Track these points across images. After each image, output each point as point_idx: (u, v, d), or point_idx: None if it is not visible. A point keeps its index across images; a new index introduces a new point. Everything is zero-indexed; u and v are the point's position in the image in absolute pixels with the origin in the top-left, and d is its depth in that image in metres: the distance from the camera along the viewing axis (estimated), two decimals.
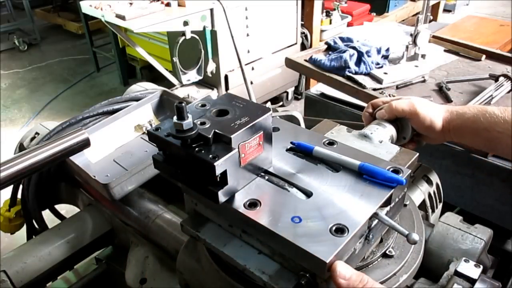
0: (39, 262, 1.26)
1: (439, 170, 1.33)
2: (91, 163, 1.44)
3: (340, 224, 0.70)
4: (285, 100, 4.54)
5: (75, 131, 1.11)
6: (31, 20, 6.39)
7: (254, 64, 3.88)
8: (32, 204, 1.48)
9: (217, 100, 0.84)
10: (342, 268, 0.66)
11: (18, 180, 1.30)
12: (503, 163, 1.63)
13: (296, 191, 0.79)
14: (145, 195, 1.35)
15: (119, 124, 1.54)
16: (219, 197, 0.73)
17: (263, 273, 0.74)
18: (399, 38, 2.44)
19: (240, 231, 0.78)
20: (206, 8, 3.23)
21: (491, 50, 2.22)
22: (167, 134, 0.74)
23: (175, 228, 1.21)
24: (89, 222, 1.38)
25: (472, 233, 0.99)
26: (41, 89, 5.35)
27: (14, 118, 4.79)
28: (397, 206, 0.84)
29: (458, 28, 3.29)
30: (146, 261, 1.28)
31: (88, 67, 5.78)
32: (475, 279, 0.83)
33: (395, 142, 1.07)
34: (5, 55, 6.23)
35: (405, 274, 0.82)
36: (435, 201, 1.28)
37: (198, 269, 0.92)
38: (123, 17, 2.96)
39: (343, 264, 0.67)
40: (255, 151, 0.78)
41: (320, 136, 0.95)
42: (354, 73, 1.99)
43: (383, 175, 0.78)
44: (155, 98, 1.64)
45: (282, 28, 4.03)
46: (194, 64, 3.36)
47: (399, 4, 5.21)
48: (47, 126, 1.60)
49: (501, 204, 1.69)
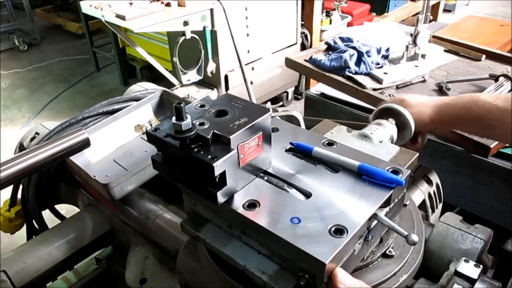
0: (39, 262, 1.26)
1: (439, 170, 1.32)
2: (91, 163, 1.44)
3: (339, 225, 0.70)
4: (285, 100, 4.54)
5: (75, 131, 1.11)
6: (31, 20, 6.39)
7: (254, 64, 3.88)
8: (32, 204, 1.48)
9: (216, 100, 0.83)
10: (342, 275, 0.66)
11: (18, 180, 1.30)
12: (503, 163, 1.63)
13: (295, 192, 0.79)
14: (145, 195, 1.35)
15: (119, 124, 1.54)
16: (218, 198, 0.73)
17: (263, 273, 0.74)
18: (399, 38, 2.44)
19: (239, 232, 0.78)
20: (206, 8, 3.23)
21: (491, 50, 2.21)
22: (166, 135, 0.74)
23: (175, 228, 1.21)
24: (89, 222, 1.38)
25: (472, 233, 0.99)
26: (41, 89, 5.35)
27: (14, 118, 4.79)
28: (397, 207, 0.84)
29: (458, 28, 3.29)
30: (146, 261, 1.28)
31: (88, 67, 5.78)
32: (475, 279, 0.83)
33: (395, 142, 1.07)
34: (5, 55, 6.23)
35: (405, 274, 0.82)
36: (435, 201, 1.28)
37: (198, 269, 0.92)
38: (123, 17, 2.96)
39: (343, 272, 0.67)
40: (254, 152, 0.78)
41: (319, 136, 0.95)
42: (354, 73, 1.98)
43: (382, 175, 0.78)
44: (155, 98, 1.64)
45: (282, 28, 4.03)
46: (194, 64, 3.36)
47: (399, 4, 5.21)
48: (47, 126, 1.60)
49: (501, 204, 1.69)
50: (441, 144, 1.73)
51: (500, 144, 1.50)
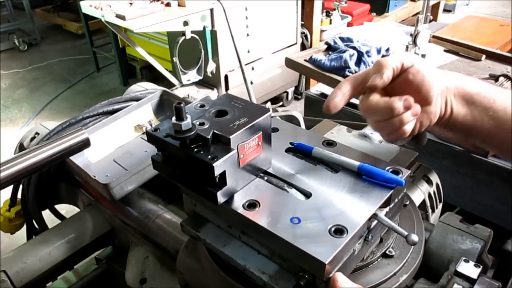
0: (39, 262, 1.26)
1: (439, 170, 1.32)
2: (91, 163, 1.44)
3: (339, 225, 0.70)
4: (285, 100, 4.54)
5: (75, 131, 1.11)
6: (31, 20, 6.39)
7: (254, 64, 3.88)
8: (32, 204, 1.48)
9: (216, 100, 0.84)
10: (342, 279, 0.66)
11: (18, 180, 1.30)
12: (503, 163, 1.63)
13: (295, 192, 0.79)
14: (145, 195, 1.35)
15: (119, 124, 1.54)
16: (218, 198, 0.73)
17: (263, 273, 0.74)
18: (399, 38, 2.44)
19: (239, 232, 0.78)
20: (206, 8, 3.23)
21: (491, 50, 2.21)
22: (166, 135, 0.74)
23: (175, 228, 1.21)
24: (89, 222, 1.38)
25: (472, 233, 0.99)
26: (41, 89, 5.35)
27: (14, 118, 4.79)
28: (397, 207, 0.84)
29: (458, 28, 3.29)
30: (146, 261, 1.28)
31: (88, 67, 5.78)
32: (475, 279, 0.83)
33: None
34: (5, 55, 6.23)
35: (405, 274, 0.82)
36: (435, 201, 1.28)
37: (198, 269, 0.92)
38: (123, 17, 2.96)
39: (343, 276, 0.67)
40: (254, 152, 0.78)
41: (319, 136, 0.95)
42: (354, 73, 1.98)
43: (382, 175, 0.78)
44: (155, 98, 1.64)
45: (282, 28, 4.03)
46: (194, 64, 3.36)
47: (399, 4, 5.21)
48: (47, 126, 1.60)
49: (501, 204, 1.69)
50: (441, 144, 1.73)
51: None
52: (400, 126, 0.77)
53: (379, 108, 0.77)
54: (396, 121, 0.77)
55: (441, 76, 0.82)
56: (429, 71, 0.80)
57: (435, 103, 0.80)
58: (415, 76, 0.79)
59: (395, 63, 0.78)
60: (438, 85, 0.80)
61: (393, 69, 0.78)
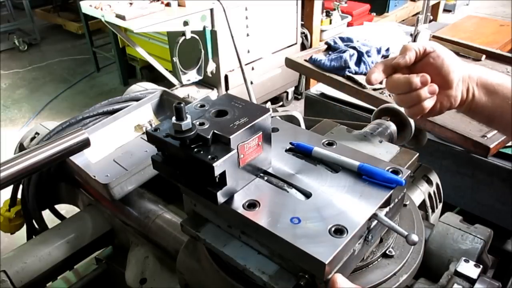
0: (39, 262, 1.26)
1: (439, 170, 1.33)
2: (91, 163, 1.44)
3: (339, 225, 0.70)
4: (285, 100, 4.54)
5: (75, 131, 1.11)
6: (31, 20, 6.39)
7: (254, 64, 3.88)
8: (32, 204, 1.48)
9: (216, 100, 0.84)
10: (341, 280, 0.66)
11: (18, 180, 1.30)
12: (503, 163, 1.63)
13: (295, 192, 0.79)
14: (145, 195, 1.35)
15: (119, 124, 1.54)
16: (218, 198, 0.73)
17: (263, 273, 0.74)
18: (399, 38, 2.44)
19: (239, 232, 0.78)
20: (206, 8, 3.23)
21: (491, 50, 2.21)
22: (166, 135, 0.74)
23: (175, 228, 1.21)
24: (89, 222, 1.38)
25: (472, 233, 0.99)
26: (41, 89, 5.35)
27: (14, 118, 4.79)
28: (397, 207, 0.84)
29: (458, 28, 3.29)
30: (146, 261, 1.28)
31: (88, 67, 5.78)
32: (475, 279, 0.83)
33: (395, 142, 1.07)
34: (5, 55, 6.22)
35: (405, 274, 0.82)
36: (435, 201, 1.28)
37: (198, 269, 0.92)
38: (123, 17, 2.95)
39: (342, 277, 0.67)
40: (254, 152, 0.78)
41: (319, 136, 0.95)
42: (354, 73, 1.98)
43: (382, 175, 0.78)
44: (155, 98, 1.65)
45: (282, 28, 4.02)
46: (194, 64, 3.36)
47: (399, 4, 5.20)
48: (47, 126, 1.60)
49: (501, 204, 1.69)
50: (441, 144, 1.73)
51: (500, 144, 1.50)
52: (418, 100, 0.85)
53: (400, 82, 0.86)
54: (414, 95, 0.85)
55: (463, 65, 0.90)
56: (449, 57, 0.88)
57: (455, 87, 0.88)
58: (435, 60, 0.87)
59: (418, 47, 0.89)
60: (459, 71, 0.88)
61: (416, 52, 0.88)
